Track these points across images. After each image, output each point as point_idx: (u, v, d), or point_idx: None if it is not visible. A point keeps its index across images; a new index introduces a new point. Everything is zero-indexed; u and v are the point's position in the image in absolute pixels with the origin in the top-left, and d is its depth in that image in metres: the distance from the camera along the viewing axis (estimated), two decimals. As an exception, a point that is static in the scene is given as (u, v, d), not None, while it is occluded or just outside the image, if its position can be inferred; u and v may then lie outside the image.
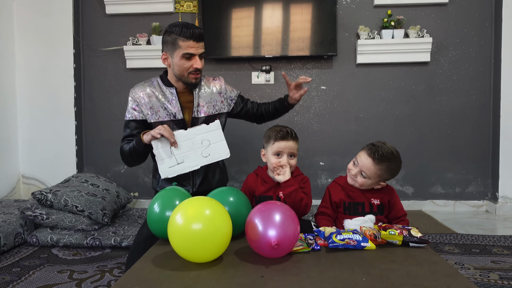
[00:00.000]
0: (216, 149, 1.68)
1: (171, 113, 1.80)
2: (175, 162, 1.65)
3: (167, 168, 1.65)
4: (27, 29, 3.26)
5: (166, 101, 1.81)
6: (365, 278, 1.00)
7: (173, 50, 1.75)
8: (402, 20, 3.05)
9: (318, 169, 3.24)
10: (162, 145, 1.64)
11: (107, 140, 3.34)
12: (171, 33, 1.73)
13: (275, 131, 1.54)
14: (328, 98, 3.22)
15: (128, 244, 2.24)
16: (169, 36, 1.74)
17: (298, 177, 1.57)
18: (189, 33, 1.70)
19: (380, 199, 1.48)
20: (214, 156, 1.68)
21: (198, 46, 1.74)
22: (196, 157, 1.67)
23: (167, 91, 1.83)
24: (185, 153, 1.66)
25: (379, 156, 1.44)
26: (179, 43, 1.72)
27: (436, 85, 3.15)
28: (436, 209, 3.16)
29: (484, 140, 3.15)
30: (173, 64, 1.77)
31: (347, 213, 1.49)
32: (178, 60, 1.74)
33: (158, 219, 1.30)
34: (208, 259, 1.10)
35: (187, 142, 1.67)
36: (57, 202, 2.33)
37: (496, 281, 1.72)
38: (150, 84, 1.86)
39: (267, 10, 3.08)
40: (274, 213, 1.13)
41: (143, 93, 1.83)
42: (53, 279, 1.79)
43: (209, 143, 1.68)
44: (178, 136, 1.66)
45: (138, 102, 1.81)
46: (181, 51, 1.72)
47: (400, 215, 1.53)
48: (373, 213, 1.42)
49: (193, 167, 1.67)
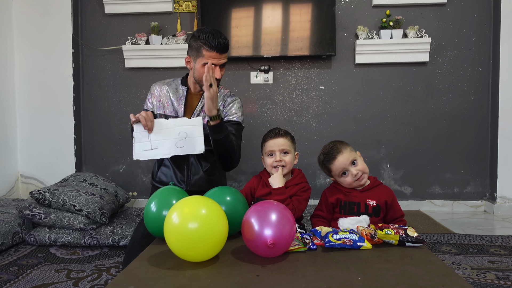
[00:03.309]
0: (191, 143, 1.72)
1: (175, 109, 1.87)
2: (149, 147, 1.72)
3: (141, 151, 1.72)
4: (26, 29, 3.27)
5: (175, 98, 1.88)
6: (361, 277, 1.00)
7: (196, 57, 1.77)
8: (401, 20, 3.05)
9: (316, 169, 3.24)
10: (141, 129, 1.71)
11: (106, 140, 3.34)
12: (198, 39, 1.75)
13: (265, 134, 1.61)
14: (326, 98, 3.22)
15: (126, 243, 2.24)
16: (195, 42, 1.76)
17: (300, 185, 1.55)
18: (214, 44, 1.71)
19: (377, 200, 1.48)
20: (187, 149, 1.72)
21: (221, 57, 1.77)
22: (169, 146, 1.72)
23: (180, 89, 1.90)
24: (161, 141, 1.72)
25: (335, 146, 1.53)
26: (203, 51, 1.74)
27: (435, 85, 3.15)
28: (434, 209, 3.17)
29: (483, 140, 3.15)
30: (194, 69, 1.80)
31: (343, 212, 1.49)
32: (199, 67, 1.77)
33: (155, 218, 1.30)
34: (204, 258, 1.10)
35: (166, 130, 1.72)
36: (55, 201, 2.33)
37: (492, 281, 1.72)
38: (170, 82, 1.94)
39: (266, 10, 3.08)
40: (270, 213, 1.13)
41: (159, 88, 1.92)
42: (50, 278, 1.79)
43: (186, 136, 1.72)
44: (158, 123, 1.72)
45: (152, 94, 1.92)
46: (204, 59, 1.74)
47: (398, 216, 1.53)
48: (368, 214, 1.43)
49: (164, 155, 1.72)
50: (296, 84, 3.23)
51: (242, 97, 3.19)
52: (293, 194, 1.52)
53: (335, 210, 1.53)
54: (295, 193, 1.53)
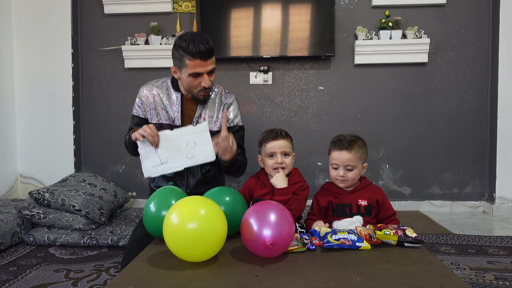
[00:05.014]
0: (201, 151, 1.64)
1: (170, 117, 1.78)
2: (159, 162, 1.63)
3: (151, 167, 1.64)
4: (25, 29, 3.26)
5: (169, 105, 1.78)
6: (359, 277, 1.00)
7: (180, 67, 1.67)
8: (400, 21, 3.05)
9: (315, 169, 3.24)
10: (146, 145, 1.63)
11: (105, 140, 3.34)
12: (179, 48, 1.63)
13: (265, 134, 1.58)
14: (326, 98, 3.23)
15: (125, 243, 2.24)
16: (177, 52, 1.65)
17: (298, 184, 1.56)
18: (195, 51, 1.58)
19: (368, 200, 1.48)
20: (198, 158, 1.64)
21: (207, 64, 1.63)
22: (180, 158, 1.64)
23: (173, 94, 1.79)
24: (170, 154, 1.63)
25: (347, 143, 1.48)
26: (186, 61, 1.62)
27: (434, 85, 3.16)
28: (433, 209, 3.17)
29: (482, 141, 3.15)
30: (182, 79, 1.71)
31: (335, 215, 1.49)
32: (186, 77, 1.66)
33: (154, 218, 1.30)
34: (203, 258, 1.11)
35: (172, 142, 1.63)
36: (54, 201, 2.33)
37: (491, 281, 1.72)
38: (159, 85, 1.82)
39: (265, 11, 3.08)
40: (269, 213, 1.13)
41: (150, 93, 1.81)
42: (49, 278, 1.79)
43: (195, 145, 1.64)
44: (164, 136, 1.64)
45: (143, 101, 1.81)
46: (188, 70, 1.63)
47: (390, 215, 1.53)
48: (361, 214, 1.43)
49: (176, 168, 1.64)
50: (295, 85, 3.23)
51: (241, 98, 3.20)
52: (293, 193, 1.52)
53: (327, 213, 1.53)
54: (294, 192, 1.53)
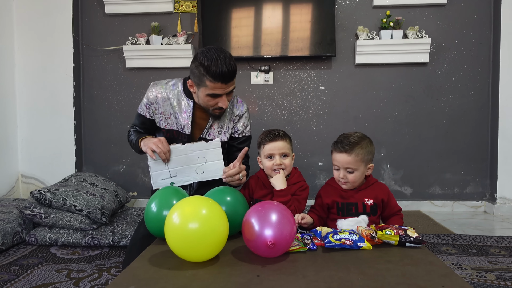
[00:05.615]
0: (211, 168, 1.63)
1: (180, 124, 1.71)
2: (168, 175, 1.63)
3: (160, 180, 1.64)
4: (26, 29, 3.27)
5: (179, 111, 1.70)
6: (361, 277, 1.00)
7: (198, 85, 1.57)
8: (401, 21, 3.05)
9: (316, 169, 3.24)
10: (157, 158, 1.62)
11: (106, 140, 3.35)
12: (199, 65, 1.51)
13: (264, 135, 1.56)
14: (327, 98, 3.23)
15: (126, 243, 2.24)
16: (197, 69, 1.53)
17: (297, 184, 1.55)
18: (218, 74, 1.48)
19: (374, 199, 1.47)
20: (208, 175, 1.63)
21: (227, 86, 1.55)
22: (190, 172, 1.63)
23: (184, 100, 1.70)
24: (179, 168, 1.63)
25: (347, 145, 1.44)
26: (206, 82, 1.52)
27: (435, 85, 3.16)
28: (435, 209, 3.17)
29: (483, 141, 3.15)
30: (198, 95, 1.62)
31: (340, 214, 1.48)
32: (203, 96, 1.58)
33: (155, 218, 1.31)
34: (204, 258, 1.11)
35: (183, 157, 1.62)
36: (55, 201, 2.33)
37: (492, 281, 1.72)
38: (170, 88, 1.72)
39: (266, 11, 3.08)
40: (270, 213, 1.13)
41: (160, 96, 1.71)
42: (51, 278, 1.80)
43: (205, 161, 1.63)
44: (174, 150, 1.62)
45: (151, 102, 1.72)
46: (207, 90, 1.55)
47: (395, 211, 1.52)
48: (366, 214, 1.42)
49: (185, 182, 1.64)
50: (296, 85, 3.24)
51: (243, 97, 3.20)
52: (292, 193, 1.52)
53: (331, 211, 1.52)
54: (294, 192, 1.53)
